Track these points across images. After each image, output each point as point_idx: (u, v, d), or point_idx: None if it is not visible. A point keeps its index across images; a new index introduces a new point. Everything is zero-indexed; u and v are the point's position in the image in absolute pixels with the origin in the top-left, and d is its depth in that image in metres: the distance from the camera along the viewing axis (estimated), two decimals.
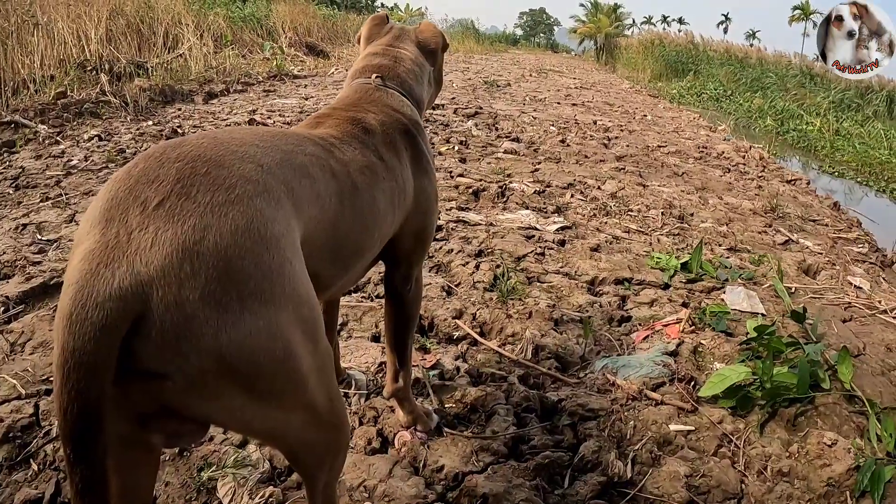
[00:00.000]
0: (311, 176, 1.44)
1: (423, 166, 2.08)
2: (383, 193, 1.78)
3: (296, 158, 1.43)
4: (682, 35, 34.00)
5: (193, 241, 1.05)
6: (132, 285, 1.00)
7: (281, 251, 1.17)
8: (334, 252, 1.59)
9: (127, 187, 1.11)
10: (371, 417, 2.49)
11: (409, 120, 2.10)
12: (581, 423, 2.53)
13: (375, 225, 1.76)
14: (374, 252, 1.88)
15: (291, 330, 1.16)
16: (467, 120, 8.96)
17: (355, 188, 1.64)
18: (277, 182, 1.28)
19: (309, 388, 1.26)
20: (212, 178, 1.15)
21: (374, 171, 1.76)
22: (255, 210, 1.16)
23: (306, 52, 17.57)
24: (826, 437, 2.50)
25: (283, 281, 1.16)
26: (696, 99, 22.04)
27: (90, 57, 9.34)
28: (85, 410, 0.99)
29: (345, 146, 1.72)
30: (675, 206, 5.73)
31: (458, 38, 35.95)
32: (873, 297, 4.13)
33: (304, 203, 1.36)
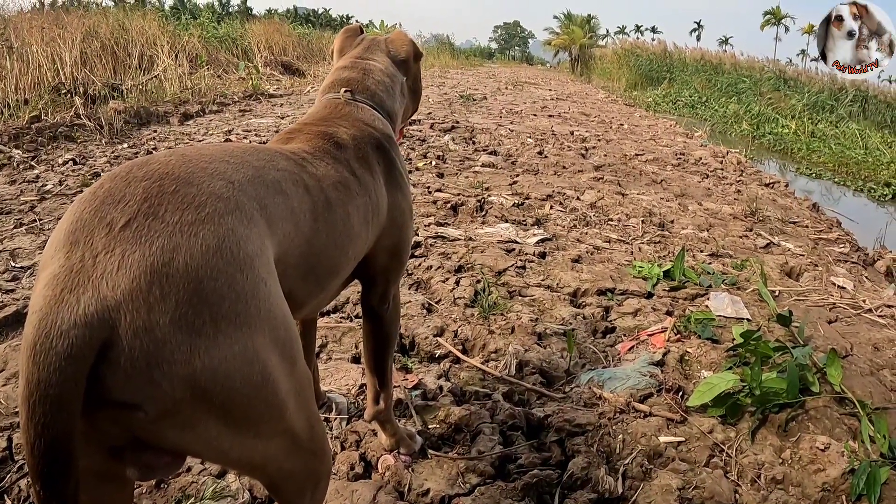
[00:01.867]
0: (283, 192, 1.38)
1: (397, 181, 2.02)
2: (357, 209, 1.72)
3: (268, 174, 1.37)
4: (656, 43, 34.27)
5: (162, 263, 0.99)
6: (98, 311, 0.94)
7: (255, 271, 1.12)
8: (309, 270, 1.52)
9: (92, 208, 1.05)
10: (353, 441, 2.42)
11: (380, 134, 2.04)
12: (569, 438, 2.47)
13: (350, 241, 1.70)
14: (349, 269, 1.81)
15: (268, 353, 1.11)
16: (444, 134, 8.93)
17: (329, 204, 1.58)
18: (249, 199, 1.23)
19: (287, 414, 1.20)
20: (180, 196, 1.10)
21: (347, 186, 1.70)
22: (226, 229, 1.10)
23: (282, 72, 17.56)
24: (818, 441, 2.46)
25: (257, 302, 1.10)
26: (671, 106, 22.19)
27: (65, 80, 9.27)
28: (53, 445, 0.93)
29: (317, 161, 1.67)
30: (654, 213, 5.70)
31: (433, 53, 36.08)
32: (857, 297, 4.13)
33: (277, 220, 1.31)
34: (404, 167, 2.14)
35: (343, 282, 1.90)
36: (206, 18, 24.62)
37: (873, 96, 27.27)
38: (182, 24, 19.78)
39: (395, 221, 2.00)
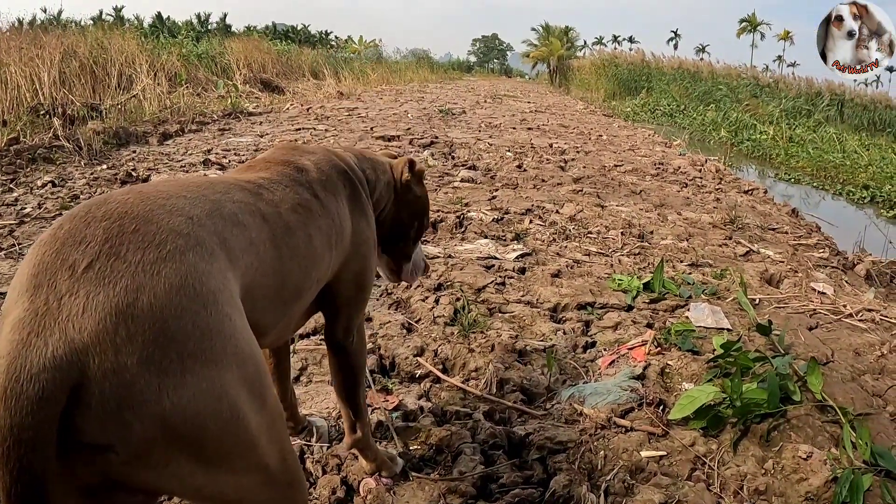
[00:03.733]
0: (241, 224, 1.38)
1: (362, 208, 2.02)
2: (319, 231, 1.72)
3: (225, 207, 1.36)
4: (634, 53, 34.52)
5: (127, 304, 1.00)
6: (67, 353, 0.94)
7: (219, 307, 1.12)
8: (275, 297, 1.52)
9: (53, 250, 1.06)
10: (334, 465, 2.40)
11: (347, 165, 2.04)
12: (550, 456, 2.46)
13: (313, 264, 1.70)
14: (313, 293, 1.80)
15: (237, 389, 1.11)
16: (423, 150, 8.94)
17: (288, 228, 1.58)
18: (209, 234, 1.23)
19: (260, 449, 1.20)
20: (141, 234, 1.10)
21: (308, 208, 1.70)
22: (188, 266, 1.11)
23: (261, 89, 17.55)
24: (801, 450, 2.46)
25: (223, 339, 1.10)
26: (650, 115, 22.36)
27: (43, 100, 9.22)
28: (30, 487, 0.93)
29: (275, 186, 1.65)
30: (634, 224, 5.71)
31: (412, 68, 36.17)
32: (837, 302, 4.14)
33: (237, 252, 1.31)
34: (370, 200, 2.13)
35: (307, 310, 1.91)
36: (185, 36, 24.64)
37: (850, 100, 27.61)
38: (161, 42, 19.77)
39: (359, 249, 1.98)
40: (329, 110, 13.57)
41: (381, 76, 27.33)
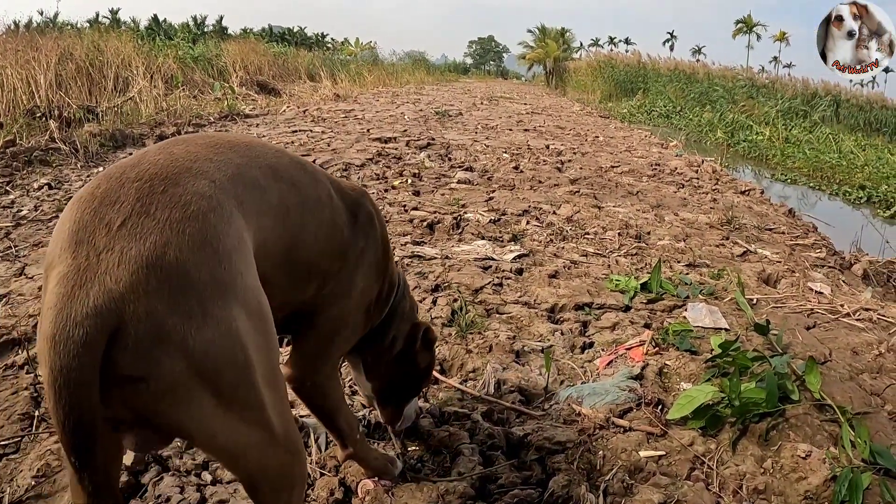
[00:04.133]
0: (261, 187, 1.50)
1: (375, 245, 2.05)
2: (332, 224, 1.83)
3: (248, 172, 1.48)
4: (630, 55, 34.56)
5: (156, 257, 1.14)
6: (106, 302, 1.08)
7: (233, 264, 1.25)
8: (291, 261, 1.65)
9: (91, 209, 1.19)
10: (332, 467, 2.39)
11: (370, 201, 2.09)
12: (549, 456, 2.45)
13: (328, 243, 1.81)
14: (322, 275, 1.84)
15: (247, 337, 1.23)
16: (420, 152, 8.93)
17: (319, 201, 1.75)
18: (228, 197, 1.35)
19: (266, 403, 1.32)
20: (168, 196, 1.23)
21: (330, 197, 1.83)
22: (209, 226, 1.23)
23: (258, 91, 17.52)
24: (800, 449, 2.46)
25: (235, 292, 1.23)
26: (646, 117, 22.39)
27: (40, 103, 9.20)
28: (81, 421, 1.08)
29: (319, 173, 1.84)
30: (631, 225, 5.71)
31: (408, 70, 36.16)
32: (835, 301, 4.14)
33: (254, 215, 1.43)
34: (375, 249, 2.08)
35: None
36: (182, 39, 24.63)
37: (845, 100, 27.67)
38: (157, 44, 19.76)
39: (340, 286, 1.94)
40: (325, 112, 13.55)
41: (377, 78, 27.29)
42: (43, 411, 2.57)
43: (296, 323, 1.92)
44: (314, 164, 1.90)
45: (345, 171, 7.33)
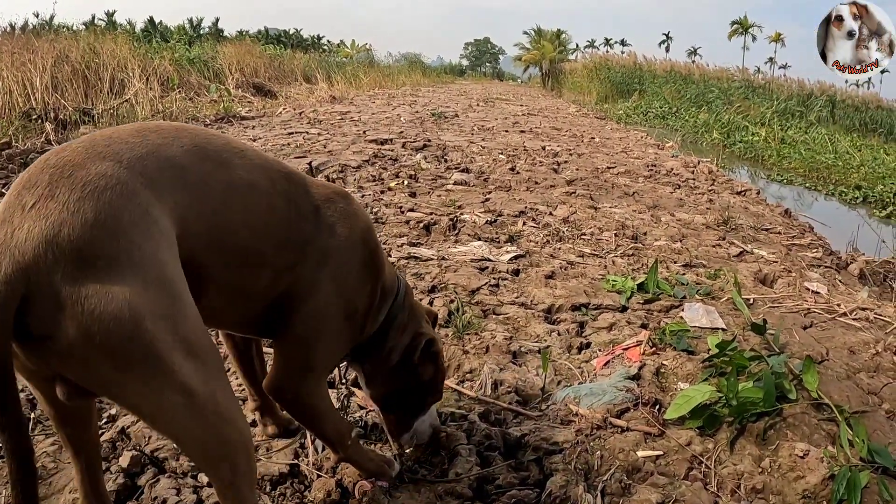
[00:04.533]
0: (179, 166, 1.58)
1: (354, 255, 2.05)
2: (270, 211, 1.83)
3: (166, 151, 1.57)
4: (626, 56, 34.59)
5: (53, 235, 1.28)
6: (14, 273, 1.25)
7: (129, 238, 1.36)
8: (219, 242, 1.68)
9: (17, 192, 1.35)
10: (329, 468, 2.38)
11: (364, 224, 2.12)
12: (546, 457, 2.44)
13: (268, 232, 1.82)
14: (271, 266, 1.86)
15: (143, 306, 1.32)
16: (416, 153, 8.92)
17: (253, 186, 1.77)
18: (133, 175, 1.45)
19: (175, 369, 1.39)
20: (72, 178, 1.37)
21: (273, 185, 1.85)
22: (102, 203, 1.35)
23: (253, 93, 17.52)
24: (797, 448, 2.45)
25: (131, 263, 1.34)
26: (642, 118, 22.41)
27: (35, 105, 9.18)
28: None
29: (274, 164, 1.91)
30: (627, 226, 5.71)
31: (404, 72, 36.18)
32: (831, 301, 4.14)
33: (168, 191, 1.52)
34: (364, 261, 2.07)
35: (271, 282, 1.89)
36: (177, 41, 24.62)
37: (841, 101, 27.72)
38: (153, 47, 19.75)
39: (302, 283, 1.93)
40: (322, 114, 13.54)
41: (373, 80, 27.31)
42: (38, 414, 2.56)
43: (274, 324, 1.95)
44: (265, 154, 1.92)
45: (341, 173, 7.32)
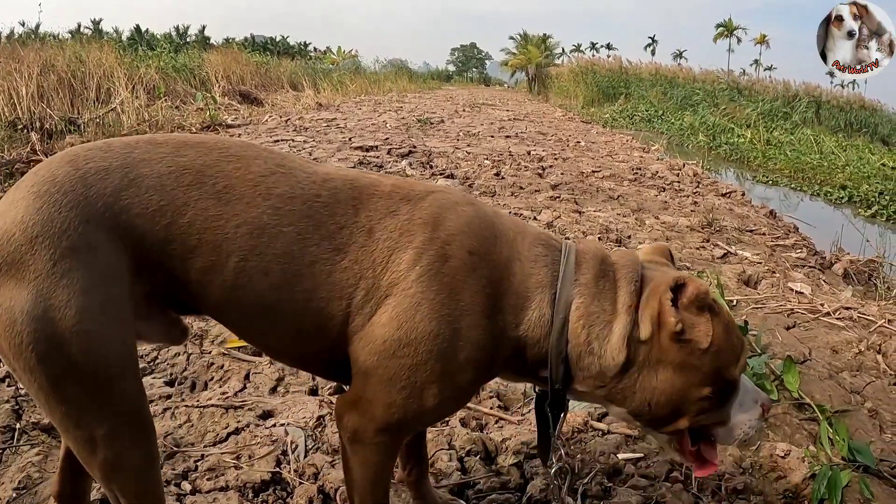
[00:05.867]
0: (141, 175, 1.47)
1: (420, 301, 1.54)
2: (333, 259, 1.54)
3: (140, 168, 1.47)
4: (612, 60, 34.73)
5: None
6: None
7: (46, 247, 1.33)
8: (226, 273, 1.50)
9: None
10: (311, 475, 2.37)
11: (491, 262, 1.61)
12: (527, 461, 2.44)
13: (300, 280, 1.53)
14: (297, 316, 1.57)
15: (30, 318, 1.30)
16: (401, 160, 8.92)
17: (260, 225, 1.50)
18: (86, 186, 1.41)
19: (60, 400, 1.38)
20: (32, 178, 1.43)
21: (326, 232, 1.54)
22: (28, 205, 1.36)
23: (240, 101, 17.47)
24: (778, 448, 2.47)
25: (36, 273, 1.32)
26: (628, 121, 22.47)
27: (21, 115, 9.12)
28: None
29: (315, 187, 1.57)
30: (611, 230, 5.73)
31: (391, 78, 36.20)
32: (815, 301, 4.16)
33: (130, 200, 1.44)
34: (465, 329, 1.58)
35: (306, 332, 1.61)
36: (164, 49, 24.56)
37: (826, 101, 27.90)
38: (139, 55, 19.69)
39: (378, 343, 1.56)
40: (308, 121, 13.54)
41: (359, 87, 27.32)
42: (24, 424, 2.55)
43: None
44: (304, 165, 1.64)
45: None
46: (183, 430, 2.62)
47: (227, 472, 2.35)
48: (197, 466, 2.39)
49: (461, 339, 1.56)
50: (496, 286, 1.60)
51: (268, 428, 2.63)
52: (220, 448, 2.50)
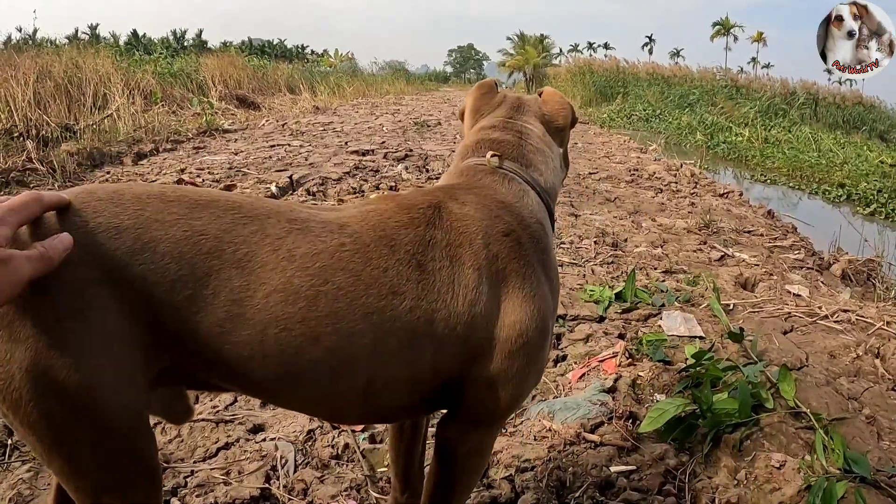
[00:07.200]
0: (160, 254, 1.31)
1: (527, 288, 1.55)
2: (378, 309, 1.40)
3: (153, 230, 1.30)
4: (609, 60, 34.69)
5: None
6: None
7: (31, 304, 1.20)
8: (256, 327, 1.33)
9: None
10: (300, 490, 2.35)
11: (521, 221, 1.63)
12: (518, 474, 2.41)
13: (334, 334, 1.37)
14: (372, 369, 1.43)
15: (26, 372, 1.18)
16: (397, 164, 8.88)
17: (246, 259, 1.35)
18: (72, 226, 1.30)
19: (49, 458, 1.27)
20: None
21: (375, 278, 1.41)
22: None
23: (237, 105, 17.45)
24: (774, 459, 2.43)
25: (25, 323, 1.19)
26: (626, 121, 22.42)
27: (18, 122, 9.08)
28: None
29: (353, 227, 1.45)
30: (608, 233, 5.70)
31: (388, 80, 36.18)
32: (812, 304, 4.13)
33: (112, 244, 1.28)
34: (551, 269, 1.67)
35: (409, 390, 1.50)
36: (160, 54, 24.55)
37: (823, 98, 27.85)
38: (136, 60, 19.68)
39: (507, 344, 1.51)
40: (304, 125, 13.51)
41: (356, 89, 27.29)
42: (16, 440, 2.52)
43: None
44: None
45: (322, 186, 7.28)
46: (173, 446, 2.60)
47: (216, 488, 2.33)
48: (187, 482, 2.37)
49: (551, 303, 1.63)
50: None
51: (258, 442, 2.61)
52: (210, 463, 2.48)
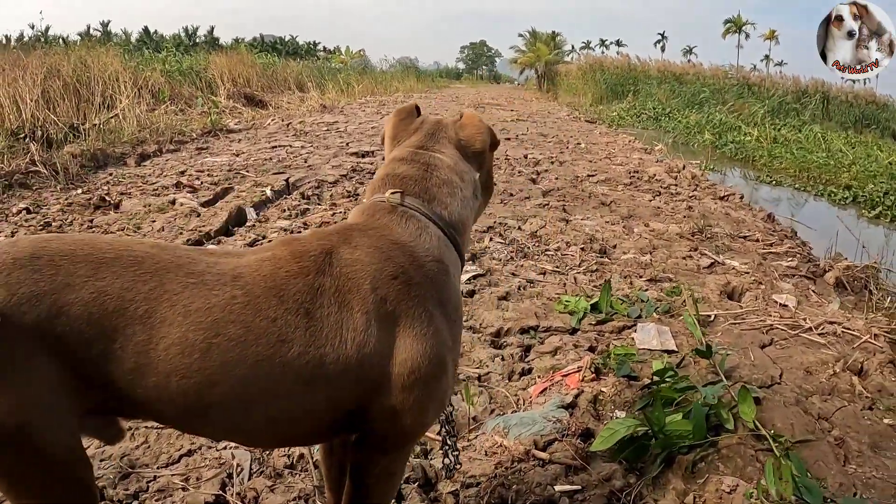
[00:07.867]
0: (74, 318, 1.41)
1: (417, 327, 1.59)
2: (265, 358, 1.48)
3: (65, 295, 1.40)
4: (620, 57, 34.56)
5: None
6: None
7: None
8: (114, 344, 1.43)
9: None
10: (252, 498, 2.39)
11: (416, 259, 1.67)
12: (463, 489, 2.41)
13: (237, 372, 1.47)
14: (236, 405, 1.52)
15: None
16: None
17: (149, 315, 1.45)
18: (17, 313, 1.35)
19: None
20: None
21: (263, 329, 1.48)
22: None
23: (244, 103, 17.47)
24: (725, 483, 2.39)
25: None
26: (635, 119, 22.31)
27: (26, 121, 9.10)
28: None
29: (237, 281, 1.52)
30: (596, 239, 5.67)
31: (398, 77, 36.15)
32: (797, 315, 4.07)
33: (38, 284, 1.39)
34: (449, 303, 1.71)
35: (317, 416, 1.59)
36: (169, 51, 24.61)
37: (835, 97, 27.62)
38: (145, 57, 19.73)
39: (401, 379, 1.57)
40: (309, 125, 13.54)
41: (365, 87, 27.28)
42: None
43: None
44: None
45: (318, 189, 7.30)
46: (139, 452, 2.68)
47: (174, 493, 2.42)
48: (148, 487, 2.46)
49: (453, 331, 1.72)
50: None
51: (219, 450, 2.67)
52: (172, 470, 2.57)
